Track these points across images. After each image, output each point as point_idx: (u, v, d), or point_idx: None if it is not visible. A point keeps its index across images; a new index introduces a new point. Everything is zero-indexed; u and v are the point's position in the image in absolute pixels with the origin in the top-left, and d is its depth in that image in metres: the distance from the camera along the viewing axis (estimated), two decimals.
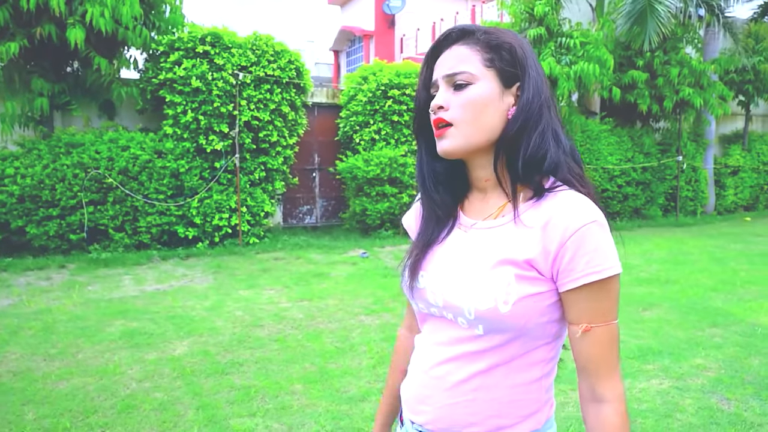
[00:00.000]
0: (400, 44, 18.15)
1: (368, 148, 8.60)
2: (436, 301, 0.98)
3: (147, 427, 2.92)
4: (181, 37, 7.48)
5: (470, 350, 0.94)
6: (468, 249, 0.97)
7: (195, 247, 7.68)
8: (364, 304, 5.21)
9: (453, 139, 0.93)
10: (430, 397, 0.99)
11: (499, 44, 0.93)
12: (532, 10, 9.46)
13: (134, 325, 4.57)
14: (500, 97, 0.93)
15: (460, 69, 0.92)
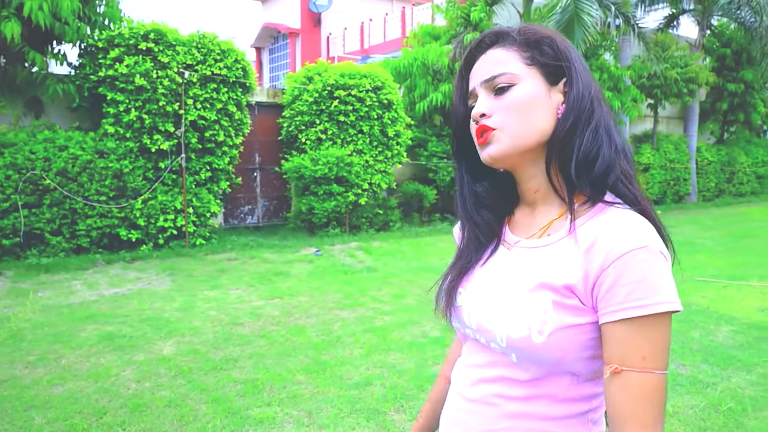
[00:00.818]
0: (326, 43, 18.32)
1: (314, 147, 8.79)
2: (470, 323, 0.93)
3: (167, 422, 3.03)
4: (121, 33, 7.34)
5: (506, 376, 0.88)
6: (508, 269, 0.90)
7: (139, 249, 7.54)
8: (335, 300, 5.45)
9: (499, 144, 0.86)
10: (462, 421, 0.93)
11: (539, 39, 0.88)
12: (467, 15, 10.00)
13: (108, 329, 4.56)
14: (547, 95, 0.86)
15: (500, 71, 0.86)
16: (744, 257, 7.72)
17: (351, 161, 8.70)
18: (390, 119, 9.19)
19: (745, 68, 14.54)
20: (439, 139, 10.55)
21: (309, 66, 9.26)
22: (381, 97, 9.01)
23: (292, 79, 9.33)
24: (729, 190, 15.94)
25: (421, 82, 10.02)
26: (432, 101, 9.87)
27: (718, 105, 15.11)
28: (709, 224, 10.94)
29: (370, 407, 3.18)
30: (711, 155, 15.24)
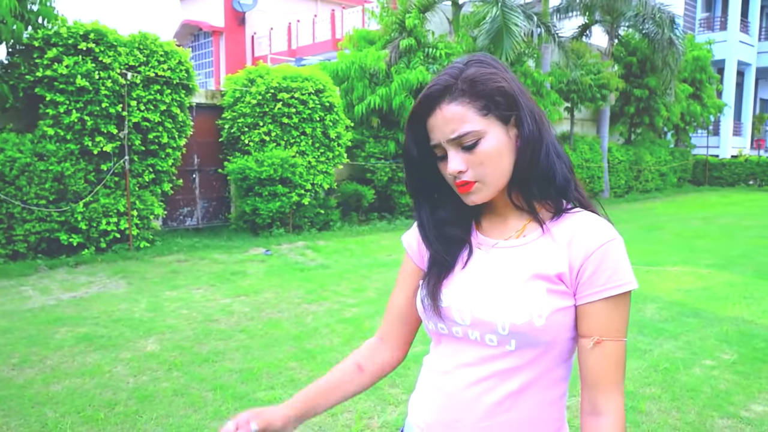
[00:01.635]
0: (251, 43, 18.36)
1: (258, 149, 9.01)
2: (463, 320, 1.00)
3: (180, 408, 3.30)
4: (59, 32, 7.27)
5: (501, 368, 0.98)
6: (494, 267, 1.02)
7: (80, 254, 7.49)
8: (299, 295, 5.79)
9: (481, 194, 0.99)
10: (459, 421, 1.01)
11: (489, 92, 0.95)
12: (403, 22, 10.56)
13: (82, 330, 4.67)
14: (507, 136, 0.97)
15: (463, 130, 0.95)
16: (656, 246, 8.74)
17: (295, 162, 9.01)
18: (331, 121, 9.57)
19: (649, 75, 16.09)
20: (377, 141, 11.04)
21: (250, 68, 9.47)
22: (323, 100, 9.38)
23: (231, 81, 9.50)
24: (636, 186, 17.54)
25: (359, 85, 10.47)
26: (370, 104, 10.34)
27: (626, 109, 16.63)
28: (622, 218, 12.11)
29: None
30: (621, 155, 16.73)
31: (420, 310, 1.08)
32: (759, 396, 3.49)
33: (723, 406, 3.32)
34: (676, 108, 17.00)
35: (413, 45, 10.65)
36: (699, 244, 8.96)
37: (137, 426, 3.09)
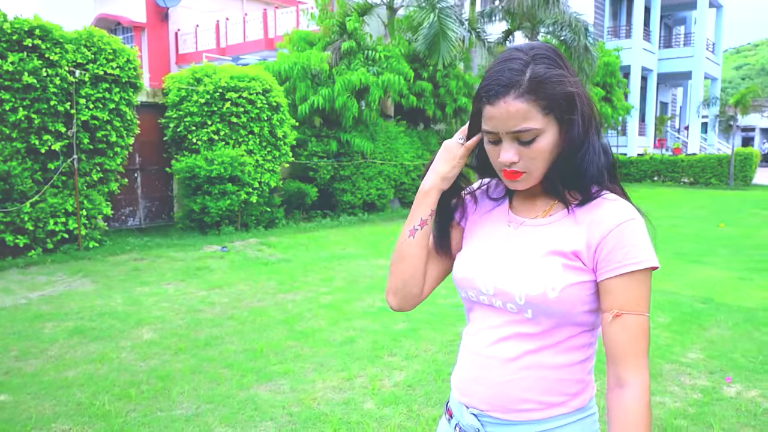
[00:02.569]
0: (175, 39, 18.18)
1: (207, 148, 9.21)
2: (487, 289, 1.12)
3: (204, 382, 3.66)
4: (2, 28, 7.21)
5: (520, 331, 1.09)
6: (518, 243, 1.12)
7: (27, 255, 7.44)
8: (271, 286, 6.16)
9: (526, 183, 1.09)
10: (483, 377, 1.12)
11: (554, 95, 1.02)
12: (344, 24, 11.05)
13: (69, 324, 4.85)
14: (560, 136, 1.06)
15: (525, 127, 1.01)
16: None
17: (244, 161, 9.28)
18: (278, 121, 9.92)
19: None
20: (319, 140, 11.47)
21: (195, 67, 9.63)
22: (270, 100, 9.71)
23: (175, 80, 9.62)
24: None
25: (301, 85, 10.85)
26: (313, 104, 10.75)
27: None
28: None
29: (367, 355, 4.08)
30: None
31: (455, 278, 1.19)
32: (692, 347, 4.32)
33: (666, 355, 4.09)
34: None
35: (354, 47, 11.17)
36: None
37: (171, 398, 3.43)
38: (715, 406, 3.38)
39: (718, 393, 3.57)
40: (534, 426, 1.10)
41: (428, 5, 11.26)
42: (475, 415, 1.14)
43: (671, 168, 22.48)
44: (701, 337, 4.60)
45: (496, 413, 1.11)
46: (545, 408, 1.09)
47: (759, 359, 4.12)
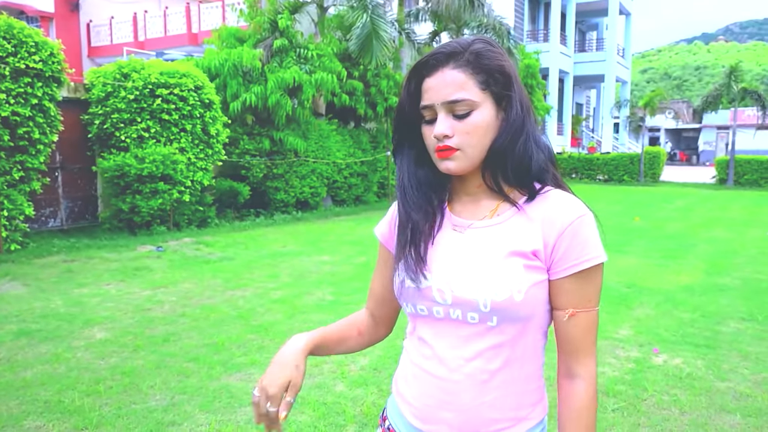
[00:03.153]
0: (87, 31, 17.51)
1: (137, 145, 9.06)
2: (444, 299, 1.06)
3: (172, 376, 3.74)
4: None
5: (485, 347, 1.05)
6: (470, 247, 1.07)
7: None
8: (217, 284, 6.22)
9: (459, 162, 1.05)
10: (451, 402, 1.07)
11: (491, 68, 1.03)
12: (275, 22, 11.13)
13: (11, 327, 4.75)
14: (496, 117, 1.05)
15: (460, 97, 1.02)
16: None
17: (176, 159, 9.19)
18: (210, 118, 9.88)
19: None
20: (251, 138, 11.48)
21: (122, 62, 9.43)
22: (202, 97, 9.66)
23: (99, 75, 9.38)
24: None
25: (232, 82, 10.84)
26: (245, 101, 10.77)
27: None
28: None
29: None
30: None
31: (398, 293, 1.13)
32: (622, 325, 4.87)
33: (601, 333, 4.55)
34: None
35: (286, 45, 11.26)
36: None
37: (142, 391, 3.51)
38: (646, 373, 3.88)
39: (648, 362, 4.08)
40: None
41: (360, 6, 11.53)
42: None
43: (587, 166, 23.93)
44: (629, 317, 5.16)
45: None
46: (516, 423, 1.08)
47: (680, 333, 4.71)
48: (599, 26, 34.16)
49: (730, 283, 6.49)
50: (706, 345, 4.44)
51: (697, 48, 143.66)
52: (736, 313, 5.32)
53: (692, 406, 3.42)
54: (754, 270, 7.21)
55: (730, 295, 5.95)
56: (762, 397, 3.53)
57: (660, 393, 3.58)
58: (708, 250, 8.68)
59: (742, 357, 4.21)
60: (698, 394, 3.57)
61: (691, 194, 18.70)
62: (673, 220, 12.25)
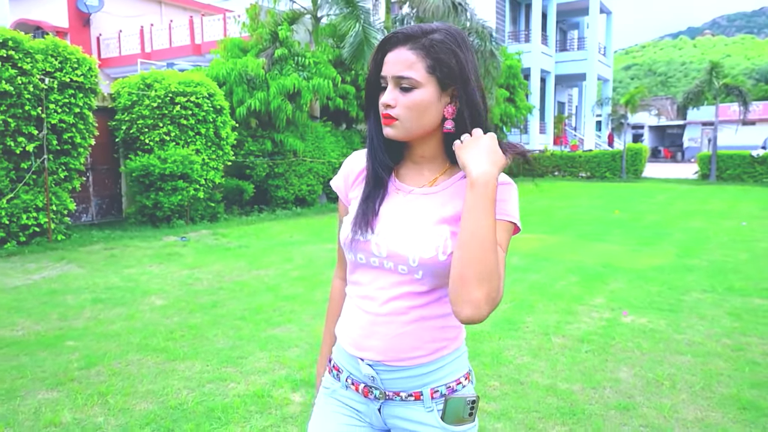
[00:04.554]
0: (97, 44, 18.76)
1: (160, 148, 10.39)
2: (379, 252, 1.29)
3: (228, 329, 5.08)
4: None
5: (409, 291, 1.28)
6: (409, 210, 1.30)
7: (3, 247, 8.40)
8: (243, 266, 7.57)
9: (396, 130, 1.25)
10: (378, 332, 1.31)
11: (441, 57, 1.21)
12: (276, 33, 12.48)
13: (86, 297, 6.08)
14: (438, 99, 1.24)
15: (406, 74, 1.21)
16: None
17: (193, 159, 10.54)
18: (221, 122, 11.22)
19: None
20: (255, 140, 12.83)
21: (144, 74, 10.75)
22: (214, 103, 11.01)
23: (124, 85, 10.70)
24: None
25: (238, 89, 12.18)
26: (250, 106, 12.11)
27: None
28: None
29: None
30: None
31: (344, 243, 1.35)
32: (597, 295, 6.12)
33: (578, 300, 5.88)
34: (497, 110, 20.89)
35: (286, 54, 12.61)
36: (530, 219, 12.14)
37: (208, 338, 4.86)
38: (616, 329, 5.00)
39: (617, 321, 5.21)
40: (422, 368, 1.32)
41: (353, 16, 12.89)
42: (370, 365, 1.33)
43: (570, 163, 25.41)
44: (604, 290, 6.37)
45: (390, 362, 1.31)
46: (432, 353, 1.31)
47: (647, 301, 5.87)
48: (580, 25, 35.67)
49: (698, 264, 7.58)
50: (669, 309, 5.52)
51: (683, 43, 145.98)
52: (699, 286, 6.42)
53: (651, 349, 4.45)
54: (722, 254, 8.32)
55: (696, 273, 7.04)
56: (710, 344, 4.56)
57: (626, 341, 4.68)
58: (682, 237, 9.86)
59: (699, 318, 5.25)
60: (658, 342, 4.62)
61: (673, 189, 19.92)
62: (652, 212, 13.43)
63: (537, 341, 4.73)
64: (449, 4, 15.61)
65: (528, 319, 5.34)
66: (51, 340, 4.72)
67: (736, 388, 3.77)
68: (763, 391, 3.73)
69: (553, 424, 3.30)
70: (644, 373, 4.04)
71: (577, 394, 3.69)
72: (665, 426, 3.28)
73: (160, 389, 3.80)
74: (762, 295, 6.09)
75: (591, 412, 3.45)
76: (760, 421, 3.32)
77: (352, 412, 1.40)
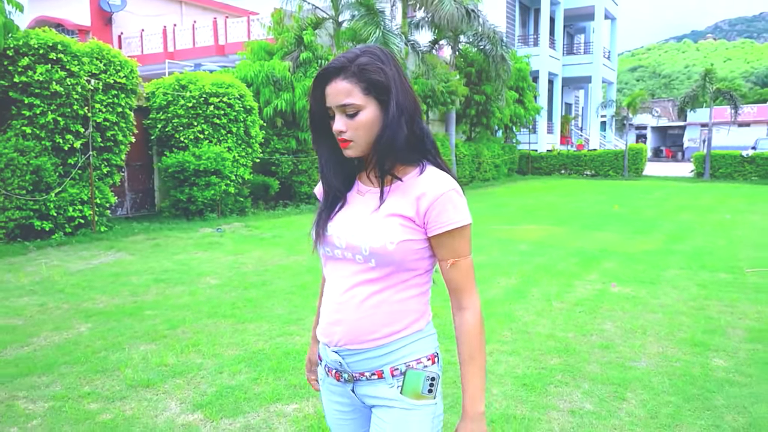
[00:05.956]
0: (118, 42, 19.33)
1: (193, 145, 10.94)
2: (340, 244, 1.45)
3: (283, 300, 5.61)
4: (28, 43, 8.69)
5: (366, 279, 1.42)
6: (364, 207, 1.46)
7: (51, 238, 8.94)
8: (281, 252, 8.11)
9: (353, 150, 1.41)
10: (340, 319, 1.45)
11: (372, 78, 1.36)
12: (301, 38, 13.04)
13: (148, 277, 6.62)
14: (380, 115, 1.38)
15: (348, 102, 1.36)
16: (508, 216, 12.25)
17: (225, 156, 11.08)
18: (251, 122, 11.77)
19: (485, 84, 20.19)
20: (280, 138, 13.37)
21: (178, 75, 11.31)
22: (244, 104, 11.56)
23: (159, 86, 11.25)
24: (478, 176, 21.66)
25: (265, 90, 12.73)
26: (277, 107, 12.66)
27: (468, 111, 20.60)
28: (475, 200, 15.71)
29: None
30: (465, 150, 20.65)
31: (313, 239, 1.53)
32: (592, 272, 6.84)
33: (576, 276, 6.54)
34: (507, 111, 21.41)
35: (310, 57, 13.16)
36: (538, 213, 12.70)
37: (267, 306, 5.40)
38: (605, 296, 5.81)
39: (607, 291, 6.02)
40: (381, 350, 1.44)
41: (373, 22, 13.45)
42: (336, 351, 1.47)
43: (576, 162, 25.92)
44: (598, 268, 7.11)
45: (351, 345, 1.45)
46: (389, 335, 1.44)
47: (632, 276, 6.65)
48: (586, 30, 36.19)
49: (682, 249, 8.42)
50: (650, 282, 6.41)
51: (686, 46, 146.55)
52: (677, 265, 7.28)
53: (631, 310, 5.36)
54: (704, 241, 9.14)
55: (677, 256, 7.89)
56: (678, 305, 5.48)
57: (612, 304, 5.51)
58: (671, 228, 10.64)
59: (672, 288, 6.17)
60: (637, 305, 5.51)
61: (670, 187, 20.69)
62: (648, 207, 14.16)
63: (540, 305, 5.53)
64: (463, 11, 16.15)
65: (533, 290, 6.11)
66: (131, 311, 5.27)
67: (692, 333, 4.72)
68: (713, 335, 4.66)
69: (551, 357, 4.18)
70: (623, 325, 4.95)
71: (570, 339, 4.57)
72: (634, 356, 4.21)
73: (240, 341, 4.41)
74: (727, 272, 6.95)
75: (580, 349, 4.34)
76: (706, 353, 4.28)
77: (337, 398, 1.58)
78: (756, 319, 5.07)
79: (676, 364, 4.01)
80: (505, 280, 6.49)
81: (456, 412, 2.49)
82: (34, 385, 3.67)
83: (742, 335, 4.64)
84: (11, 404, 3.41)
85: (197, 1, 20.48)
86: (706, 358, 4.13)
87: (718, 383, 3.69)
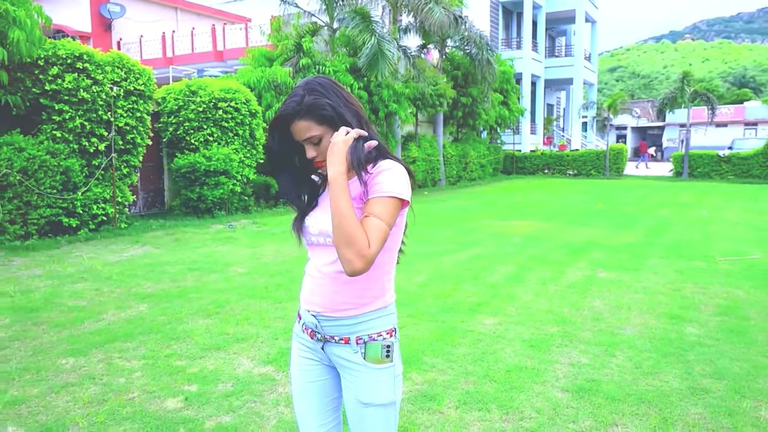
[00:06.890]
0: (117, 48, 19.92)
1: (204, 147, 11.67)
2: (314, 231, 1.76)
3: None
4: (56, 53, 9.37)
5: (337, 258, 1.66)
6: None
7: (77, 234, 9.63)
8: (293, 246, 8.84)
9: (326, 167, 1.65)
10: (318, 291, 1.76)
11: (321, 112, 1.66)
12: (300, 45, 13.82)
13: (180, 267, 7.36)
14: None
15: (309, 135, 1.68)
16: (498, 213, 13.13)
17: (232, 158, 11.82)
18: (255, 125, 12.52)
19: (471, 86, 21.09)
20: None
21: (187, 81, 12.03)
22: (250, 108, 12.31)
23: (169, 91, 11.97)
24: (464, 176, 22.57)
25: (267, 95, 13.48)
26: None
27: (455, 113, 21.49)
28: (464, 198, 16.60)
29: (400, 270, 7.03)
30: (452, 150, 21.54)
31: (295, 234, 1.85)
32: (580, 261, 7.70)
33: (567, 264, 7.40)
34: (492, 112, 22.36)
35: (309, 63, 13.94)
36: (526, 210, 13.61)
37: (295, 289, 6.14)
38: (593, 280, 6.67)
39: (594, 276, 6.88)
40: (350, 320, 1.75)
41: (368, 30, 14.25)
42: (314, 315, 1.78)
43: (558, 162, 26.96)
44: (586, 258, 7.97)
45: (327, 313, 1.75)
46: (358, 307, 1.74)
47: (617, 264, 7.52)
48: (567, 32, 37.35)
49: (660, 241, 9.36)
50: (633, 269, 7.27)
51: (665, 46, 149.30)
52: (657, 255, 8.18)
53: (617, 291, 6.20)
54: (681, 234, 10.10)
55: (657, 247, 8.79)
56: (658, 287, 6.33)
57: (600, 287, 6.36)
58: (651, 223, 11.59)
59: (653, 273, 7.02)
60: (620, 287, 6.35)
61: (650, 185, 21.79)
62: (629, 204, 15.18)
63: (537, 288, 6.40)
64: (451, 18, 17.02)
65: (530, 275, 6.97)
66: (177, 294, 6.03)
67: (670, 308, 5.57)
68: (688, 310, 5.51)
69: (551, 327, 5.03)
70: (611, 302, 5.82)
71: (566, 313, 5.43)
72: (621, 326, 5.05)
73: (284, 315, 5.21)
74: (702, 260, 7.87)
75: (574, 320, 5.22)
76: (681, 323, 5.10)
77: (307, 351, 1.88)
78: (725, 298, 5.93)
79: (656, 332, 4.84)
80: (503, 267, 7.35)
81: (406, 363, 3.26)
82: (123, 349, 4.43)
83: (712, 310, 5.48)
84: (110, 362, 4.18)
85: (192, 7, 21.20)
86: (681, 327, 4.97)
87: (691, 344, 4.54)
